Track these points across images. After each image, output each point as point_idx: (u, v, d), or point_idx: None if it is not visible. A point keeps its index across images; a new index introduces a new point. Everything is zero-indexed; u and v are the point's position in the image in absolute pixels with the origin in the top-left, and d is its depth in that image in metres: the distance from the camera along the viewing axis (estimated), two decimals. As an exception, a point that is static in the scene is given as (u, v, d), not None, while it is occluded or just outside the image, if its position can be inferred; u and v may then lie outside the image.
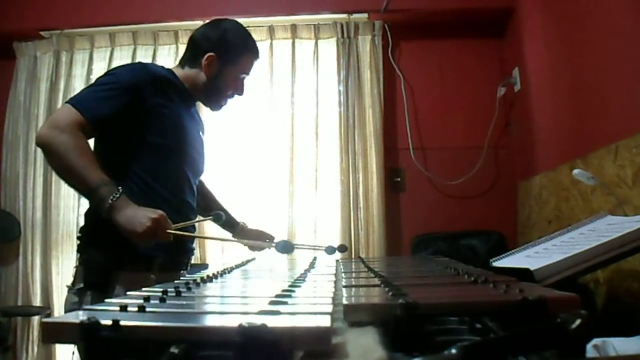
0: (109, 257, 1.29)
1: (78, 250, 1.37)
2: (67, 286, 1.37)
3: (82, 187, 1.25)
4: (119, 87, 1.32)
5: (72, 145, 1.22)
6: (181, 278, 1.44)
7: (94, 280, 1.29)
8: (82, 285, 1.29)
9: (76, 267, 1.36)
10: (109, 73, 1.40)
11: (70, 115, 1.25)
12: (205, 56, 1.48)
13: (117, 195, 1.21)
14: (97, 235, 1.32)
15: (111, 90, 1.31)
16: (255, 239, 1.71)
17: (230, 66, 1.51)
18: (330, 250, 1.76)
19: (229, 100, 1.60)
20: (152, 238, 1.22)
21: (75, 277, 1.34)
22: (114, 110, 1.30)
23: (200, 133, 1.60)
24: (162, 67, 1.52)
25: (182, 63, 1.54)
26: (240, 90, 1.58)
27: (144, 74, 1.39)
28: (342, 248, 1.81)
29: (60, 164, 1.24)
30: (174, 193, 1.41)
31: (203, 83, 1.51)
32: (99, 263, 1.30)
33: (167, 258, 1.37)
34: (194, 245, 1.55)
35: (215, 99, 1.56)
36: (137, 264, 1.31)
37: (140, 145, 1.36)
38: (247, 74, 1.58)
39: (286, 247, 1.70)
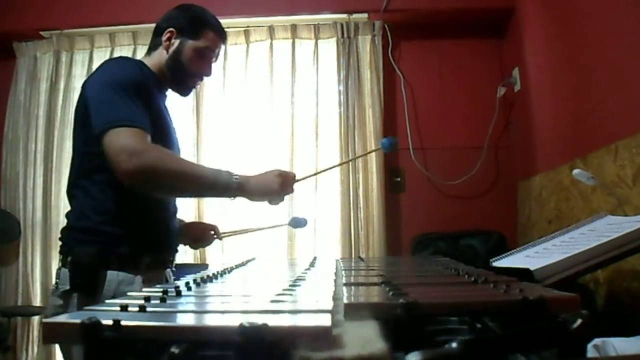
0: (95, 258, 1.26)
1: (61, 252, 1.34)
2: (51, 288, 1.35)
3: (202, 185, 1.29)
4: (133, 88, 1.29)
5: (168, 157, 1.25)
6: (172, 277, 1.45)
7: (80, 282, 1.25)
8: (67, 287, 1.26)
9: (59, 269, 1.32)
10: (114, 82, 1.29)
11: (135, 135, 1.21)
12: (165, 32, 1.46)
13: (237, 175, 1.30)
14: (82, 236, 1.30)
15: (133, 95, 1.28)
16: (200, 232, 1.64)
17: (190, 40, 1.45)
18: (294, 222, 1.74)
19: (198, 84, 1.54)
20: (285, 193, 1.41)
21: (58, 279, 1.31)
22: (147, 114, 1.29)
23: (172, 122, 1.56)
24: (135, 59, 1.49)
25: (149, 50, 1.51)
26: (207, 71, 1.51)
27: (140, 70, 1.37)
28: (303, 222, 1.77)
29: (170, 179, 1.24)
30: None
31: (166, 61, 1.45)
32: (86, 264, 1.26)
33: (153, 257, 1.36)
34: (178, 243, 1.52)
35: (180, 78, 1.48)
36: (124, 263, 1.29)
37: None
38: (213, 52, 1.50)
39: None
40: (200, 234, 1.62)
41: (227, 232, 1.69)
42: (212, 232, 1.63)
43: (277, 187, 1.37)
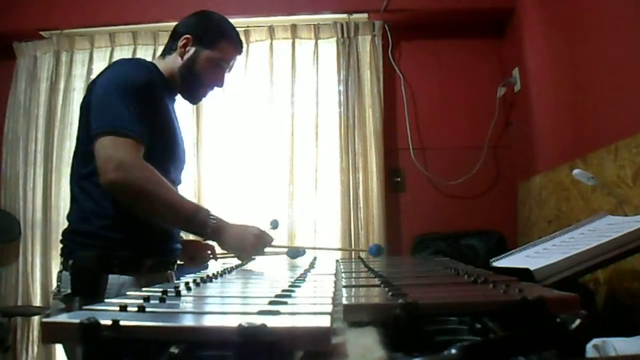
0: (96, 262, 1.26)
1: (62, 255, 1.33)
2: (52, 292, 1.35)
3: (178, 217, 1.26)
4: (139, 93, 1.27)
5: (154, 180, 1.21)
6: (174, 279, 1.45)
7: (81, 286, 1.25)
8: (69, 291, 1.26)
9: (60, 272, 1.32)
10: (118, 84, 1.28)
11: (127, 146, 1.19)
12: (182, 38, 1.43)
13: (214, 218, 1.26)
14: (84, 240, 1.29)
15: (136, 101, 1.25)
16: (197, 251, 1.62)
17: (206, 50, 1.43)
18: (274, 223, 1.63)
19: (209, 93, 1.52)
20: (256, 253, 1.32)
21: (60, 283, 1.30)
22: (147, 121, 1.26)
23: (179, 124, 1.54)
24: (147, 61, 1.47)
25: (163, 53, 1.49)
26: (219, 82, 1.49)
27: (148, 73, 1.35)
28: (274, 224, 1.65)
29: (147, 202, 1.23)
30: None
31: (179, 68, 1.43)
32: (87, 267, 1.26)
33: (155, 260, 1.35)
34: (179, 245, 1.51)
35: (192, 87, 1.46)
36: (125, 267, 1.28)
37: None
38: (227, 64, 1.48)
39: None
40: (197, 253, 1.61)
41: (223, 254, 1.69)
42: (209, 252, 1.62)
43: (249, 247, 1.31)
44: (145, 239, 1.32)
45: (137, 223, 1.30)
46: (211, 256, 1.61)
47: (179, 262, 1.54)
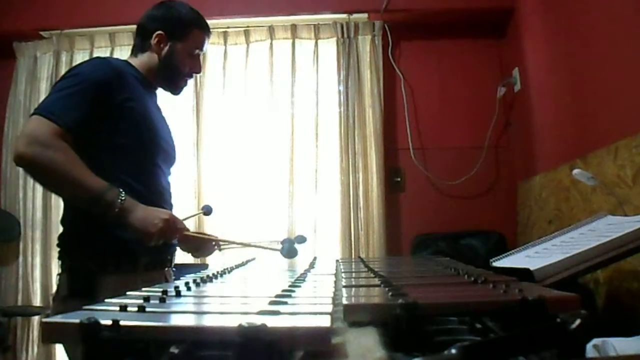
0: (92, 262, 1.27)
1: (60, 258, 1.34)
2: (52, 295, 1.35)
3: (84, 196, 1.23)
4: (86, 87, 1.28)
5: (63, 159, 1.20)
6: (172, 276, 1.44)
7: (78, 287, 1.26)
8: (67, 293, 1.27)
9: (59, 275, 1.33)
10: (71, 74, 1.33)
11: (47, 128, 1.21)
12: (154, 35, 1.45)
13: (124, 198, 1.23)
14: (78, 241, 1.30)
15: (79, 92, 1.27)
16: (201, 242, 1.60)
17: (180, 42, 1.46)
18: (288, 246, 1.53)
19: (188, 81, 1.55)
20: (163, 237, 1.27)
21: (59, 285, 1.32)
22: (87, 112, 1.26)
23: (166, 120, 1.55)
24: (119, 59, 1.49)
25: (135, 51, 1.50)
26: (197, 68, 1.53)
27: (107, 69, 1.34)
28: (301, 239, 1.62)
29: (54, 180, 1.23)
30: (149, 189, 1.39)
31: (157, 65, 1.46)
32: (83, 269, 1.27)
33: (151, 257, 1.35)
34: (176, 242, 1.50)
35: (172, 80, 1.50)
36: (121, 266, 1.29)
37: (114, 147, 1.32)
38: (201, 50, 1.52)
39: (291, 251, 1.61)
40: (202, 244, 1.60)
41: (226, 245, 1.68)
42: (213, 243, 1.60)
43: (155, 230, 1.24)
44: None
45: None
46: (215, 247, 1.62)
47: (185, 252, 1.56)
